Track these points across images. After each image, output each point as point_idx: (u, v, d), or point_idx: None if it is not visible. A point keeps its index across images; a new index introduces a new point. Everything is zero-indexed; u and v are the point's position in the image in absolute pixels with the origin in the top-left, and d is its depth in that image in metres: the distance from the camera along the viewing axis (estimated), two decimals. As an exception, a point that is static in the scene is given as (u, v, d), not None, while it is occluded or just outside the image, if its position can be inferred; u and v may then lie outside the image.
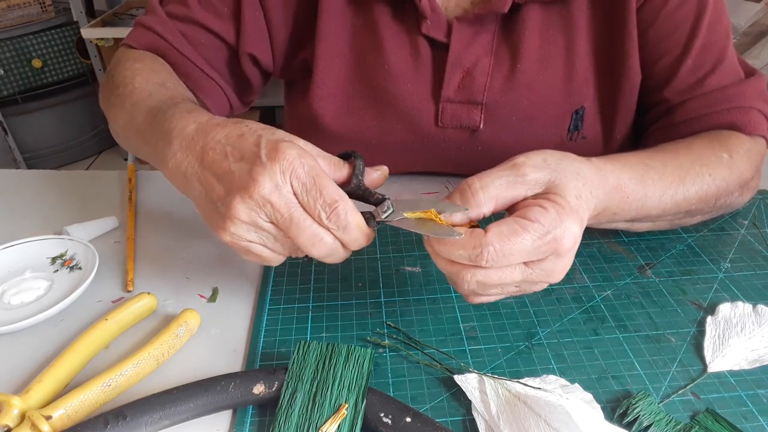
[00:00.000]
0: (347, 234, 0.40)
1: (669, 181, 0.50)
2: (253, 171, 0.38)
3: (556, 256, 0.39)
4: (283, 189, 0.38)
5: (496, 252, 0.37)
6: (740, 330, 0.48)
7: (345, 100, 0.65)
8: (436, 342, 0.47)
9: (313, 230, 0.39)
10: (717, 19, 0.59)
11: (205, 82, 0.66)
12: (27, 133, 2.26)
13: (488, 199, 0.40)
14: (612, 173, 0.45)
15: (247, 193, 0.38)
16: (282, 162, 0.38)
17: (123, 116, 0.55)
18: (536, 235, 0.37)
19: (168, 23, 0.63)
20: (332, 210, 0.39)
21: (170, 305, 0.52)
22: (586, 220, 0.41)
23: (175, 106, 0.48)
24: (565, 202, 0.39)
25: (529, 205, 0.39)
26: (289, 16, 0.64)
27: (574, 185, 0.40)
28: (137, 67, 0.59)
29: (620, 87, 0.62)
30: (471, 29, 0.60)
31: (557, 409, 0.39)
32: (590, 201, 0.42)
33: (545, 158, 0.42)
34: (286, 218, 0.39)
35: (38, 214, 0.66)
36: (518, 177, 0.40)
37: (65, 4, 2.19)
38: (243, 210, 0.39)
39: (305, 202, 0.39)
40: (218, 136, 0.41)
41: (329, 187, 0.39)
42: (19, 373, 0.45)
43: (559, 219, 0.38)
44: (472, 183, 0.40)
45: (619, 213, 0.48)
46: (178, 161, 0.43)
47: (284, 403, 0.40)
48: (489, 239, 0.37)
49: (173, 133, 0.44)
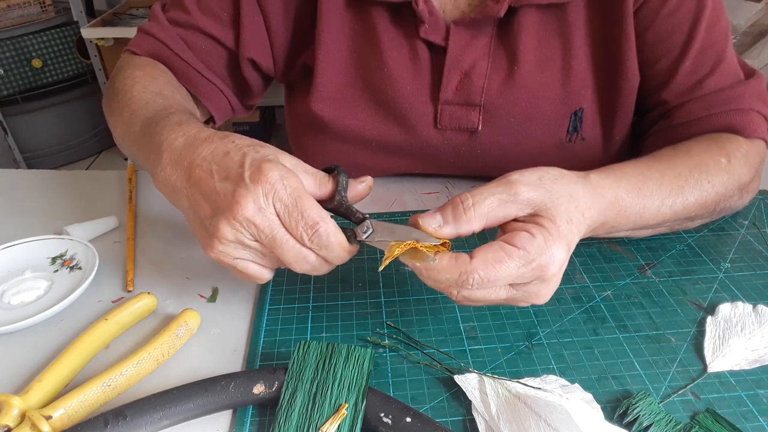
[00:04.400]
0: (329, 253, 0.41)
1: (667, 191, 0.50)
2: (236, 193, 0.39)
3: (541, 281, 0.40)
4: (266, 211, 0.39)
5: (481, 278, 0.38)
6: (740, 330, 0.48)
7: (345, 102, 0.65)
8: (436, 342, 0.47)
9: (296, 250, 0.41)
10: (715, 21, 0.59)
11: (207, 87, 0.66)
12: (27, 133, 2.26)
13: (479, 216, 0.40)
14: (609, 189, 0.46)
15: (231, 214, 0.39)
16: (265, 184, 0.39)
17: (121, 125, 0.56)
18: (521, 263, 0.38)
19: (169, 29, 0.64)
20: (314, 232, 0.40)
21: (170, 305, 0.52)
22: (576, 242, 0.42)
23: (167, 118, 0.49)
24: (554, 228, 0.39)
25: (517, 229, 0.40)
26: (288, 20, 0.65)
27: (566, 209, 0.41)
28: (137, 75, 0.60)
29: (619, 89, 0.62)
30: (468, 33, 0.61)
31: (557, 409, 0.39)
32: (582, 224, 0.42)
33: (541, 176, 0.42)
34: (270, 239, 0.40)
35: (38, 214, 0.66)
36: (510, 196, 0.40)
37: (65, 4, 2.19)
38: (228, 231, 0.40)
39: (287, 223, 0.40)
40: (204, 152, 0.42)
41: (311, 208, 0.40)
42: (19, 373, 0.45)
43: (545, 246, 0.39)
44: (465, 199, 0.41)
45: (617, 226, 0.48)
46: (167, 174, 0.44)
47: (284, 403, 0.40)
48: (474, 266, 0.38)
49: (163, 146, 0.45)
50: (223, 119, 0.71)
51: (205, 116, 0.69)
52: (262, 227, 0.39)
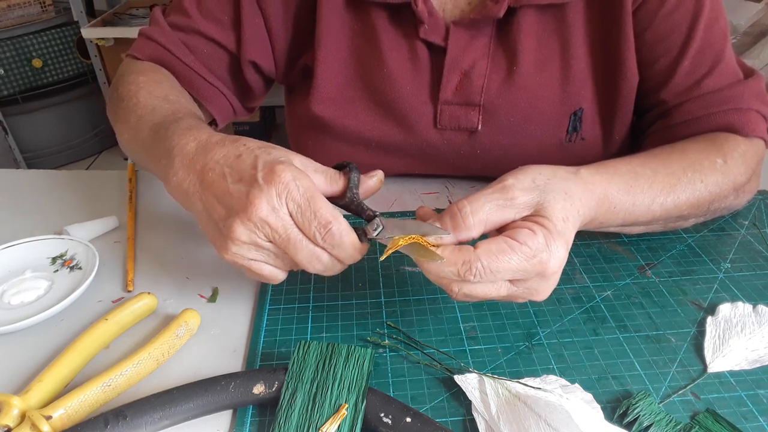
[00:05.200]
0: (342, 252, 0.42)
1: (659, 189, 0.50)
2: (250, 194, 0.40)
3: (541, 277, 0.41)
4: (279, 211, 0.40)
5: (484, 268, 0.39)
6: (740, 330, 0.48)
7: (345, 103, 0.65)
8: (436, 342, 0.47)
9: (310, 249, 0.41)
10: (714, 21, 0.59)
11: (209, 90, 0.66)
12: (27, 133, 2.26)
13: (477, 223, 0.41)
14: (599, 185, 0.46)
15: (246, 215, 0.40)
16: (278, 185, 0.40)
17: (128, 131, 0.56)
18: (523, 257, 0.39)
19: (170, 34, 0.64)
20: (327, 231, 0.40)
21: (170, 305, 0.52)
22: (572, 239, 0.43)
23: (177, 123, 0.49)
24: (552, 226, 0.40)
25: (518, 227, 0.40)
26: (288, 22, 0.65)
27: (562, 207, 0.42)
28: (141, 80, 0.60)
29: (618, 89, 0.62)
30: (468, 33, 0.61)
31: (557, 409, 0.39)
32: (577, 220, 0.43)
33: (534, 178, 0.43)
34: (284, 238, 0.40)
35: (38, 214, 0.66)
36: (507, 201, 0.41)
37: (65, 4, 2.19)
38: (243, 231, 0.40)
39: (301, 223, 0.40)
40: (217, 156, 0.43)
41: (323, 208, 0.40)
42: (19, 373, 0.45)
43: (546, 244, 0.39)
44: (463, 207, 0.41)
45: (606, 222, 0.49)
46: (180, 179, 0.44)
47: (284, 403, 0.40)
48: (478, 255, 0.39)
49: (174, 150, 0.45)
50: (225, 122, 0.71)
51: (207, 119, 0.69)
52: (276, 227, 0.40)
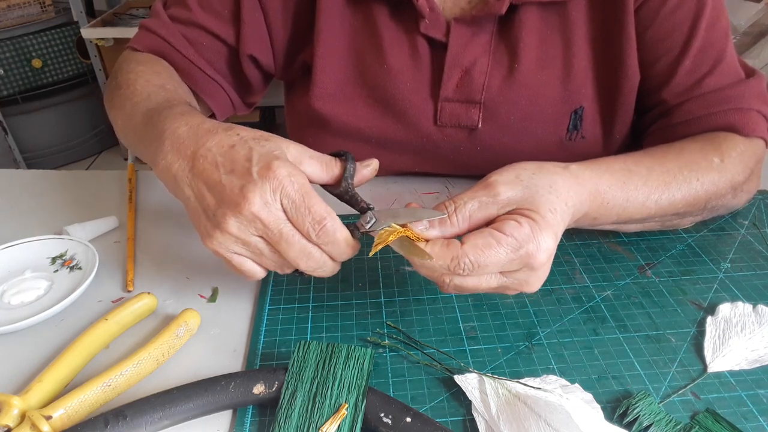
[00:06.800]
0: (335, 248, 0.42)
1: (653, 187, 0.50)
2: (244, 188, 0.40)
3: (530, 268, 0.41)
4: (272, 206, 0.40)
5: (472, 263, 0.39)
6: (740, 330, 0.48)
7: (344, 99, 0.65)
8: (436, 342, 0.47)
9: (302, 245, 0.41)
10: (716, 20, 0.59)
11: (208, 83, 0.66)
12: (27, 133, 2.26)
13: (462, 220, 0.42)
14: (590, 180, 0.46)
15: (238, 209, 0.40)
16: (273, 180, 0.39)
17: (122, 117, 0.56)
18: (509, 249, 0.39)
19: (170, 26, 0.64)
20: (321, 227, 0.40)
21: (170, 305, 0.52)
22: (562, 231, 0.43)
23: (170, 108, 0.49)
24: (539, 218, 0.40)
25: (505, 219, 0.41)
26: (288, 17, 0.65)
27: (547, 199, 0.42)
28: (140, 70, 0.60)
29: (619, 87, 0.62)
30: (469, 29, 0.61)
31: (557, 409, 0.39)
32: (566, 212, 0.43)
33: (518, 174, 0.43)
34: (276, 234, 0.40)
35: (38, 214, 0.66)
36: (490, 197, 0.42)
37: (65, 4, 2.19)
38: (233, 224, 0.40)
39: (294, 218, 0.40)
40: (209, 143, 0.42)
41: (317, 204, 0.40)
42: (19, 373, 0.45)
43: (532, 235, 0.40)
44: (448, 205, 0.42)
45: (600, 218, 0.49)
46: (168, 162, 0.44)
47: (284, 403, 0.40)
48: (465, 251, 0.39)
49: (165, 134, 0.45)
50: (224, 116, 0.71)
51: (207, 113, 0.69)
52: (268, 222, 0.40)
